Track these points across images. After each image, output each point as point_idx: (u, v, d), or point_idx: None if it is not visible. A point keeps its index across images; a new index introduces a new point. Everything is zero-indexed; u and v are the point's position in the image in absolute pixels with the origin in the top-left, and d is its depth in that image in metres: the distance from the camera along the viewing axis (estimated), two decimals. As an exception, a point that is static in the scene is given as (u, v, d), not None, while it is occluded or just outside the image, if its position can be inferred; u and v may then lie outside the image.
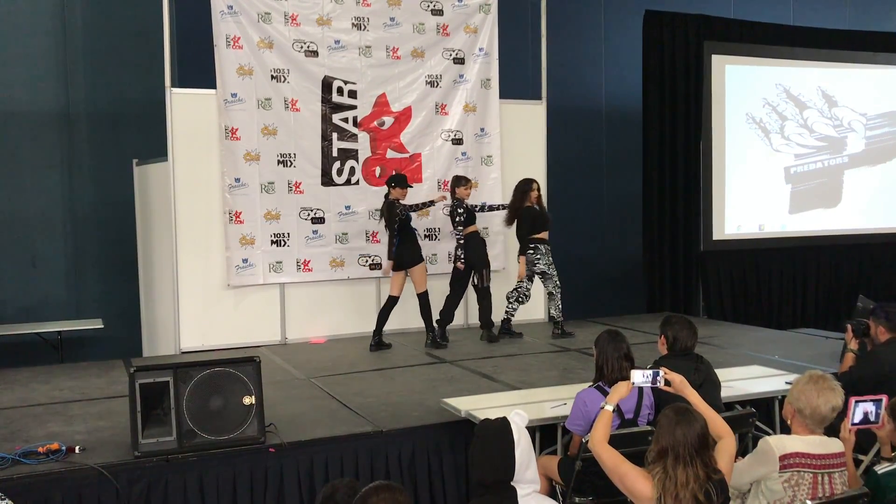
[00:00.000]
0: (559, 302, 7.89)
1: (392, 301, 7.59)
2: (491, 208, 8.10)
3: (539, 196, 7.89)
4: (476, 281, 7.77)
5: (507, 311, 7.96)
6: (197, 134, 7.69)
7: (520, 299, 7.92)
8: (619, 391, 3.74)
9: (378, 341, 7.55)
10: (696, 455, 3.00)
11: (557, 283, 7.84)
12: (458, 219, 7.63)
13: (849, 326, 5.18)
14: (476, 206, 7.93)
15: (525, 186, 7.83)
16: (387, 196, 7.49)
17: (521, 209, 7.80)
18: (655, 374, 3.73)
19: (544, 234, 7.81)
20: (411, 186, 7.78)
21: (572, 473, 4.09)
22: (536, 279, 7.91)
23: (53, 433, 4.81)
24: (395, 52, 8.42)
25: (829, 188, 11.14)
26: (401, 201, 7.42)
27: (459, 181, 7.76)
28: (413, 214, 7.60)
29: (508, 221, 7.94)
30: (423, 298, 7.57)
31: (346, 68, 8.21)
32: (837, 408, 3.53)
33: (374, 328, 7.59)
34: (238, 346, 7.55)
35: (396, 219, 7.31)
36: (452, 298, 7.80)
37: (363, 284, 8.42)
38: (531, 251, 7.76)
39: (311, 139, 8.11)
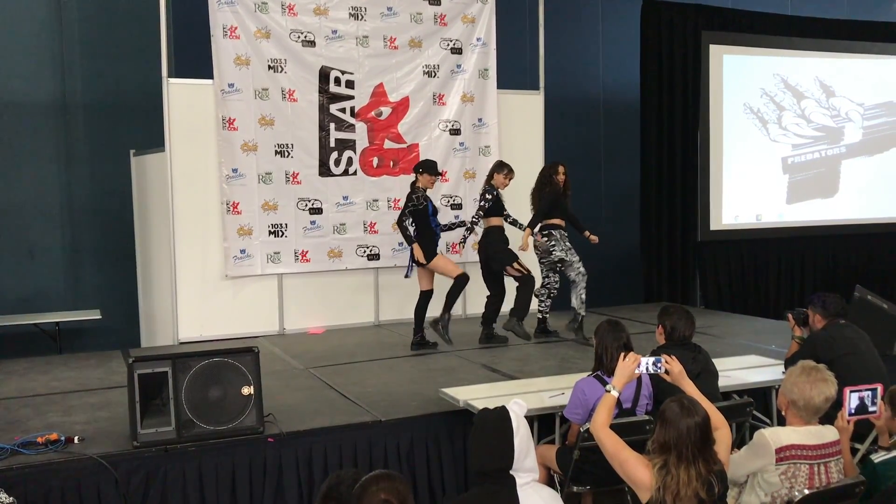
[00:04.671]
0: (582, 292, 7.22)
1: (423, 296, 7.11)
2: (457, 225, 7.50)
3: (565, 181, 7.33)
4: (514, 273, 7.14)
5: (540, 311, 7.39)
6: (194, 124, 7.68)
7: (550, 295, 7.38)
8: (625, 374, 3.64)
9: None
10: (699, 454, 3.01)
11: (581, 269, 7.18)
12: (483, 203, 7.04)
13: (790, 315, 5.31)
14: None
15: (548, 172, 7.35)
16: (413, 184, 7.01)
17: (545, 190, 7.24)
18: (657, 362, 3.72)
19: (559, 220, 7.29)
20: (440, 174, 7.26)
21: (570, 462, 4.11)
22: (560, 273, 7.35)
23: (52, 423, 4.81)
24: (392, 42, 8.40)
25: (827, 178, 11.15)
26: (429, 190, 6.96)
27: (500, 167, 7.18)
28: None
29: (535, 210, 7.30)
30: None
31: (344, 58, 8.19)
32: (831, 398, 3.54)
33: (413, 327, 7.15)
34: (236, 337, 7.55)
35: (410, 205, 6.86)
36: (493, 297, 7.30)
37: (361, 275, 8.41)
38: (545, 238, 7.16)
39: (308, 129, 8.09)
